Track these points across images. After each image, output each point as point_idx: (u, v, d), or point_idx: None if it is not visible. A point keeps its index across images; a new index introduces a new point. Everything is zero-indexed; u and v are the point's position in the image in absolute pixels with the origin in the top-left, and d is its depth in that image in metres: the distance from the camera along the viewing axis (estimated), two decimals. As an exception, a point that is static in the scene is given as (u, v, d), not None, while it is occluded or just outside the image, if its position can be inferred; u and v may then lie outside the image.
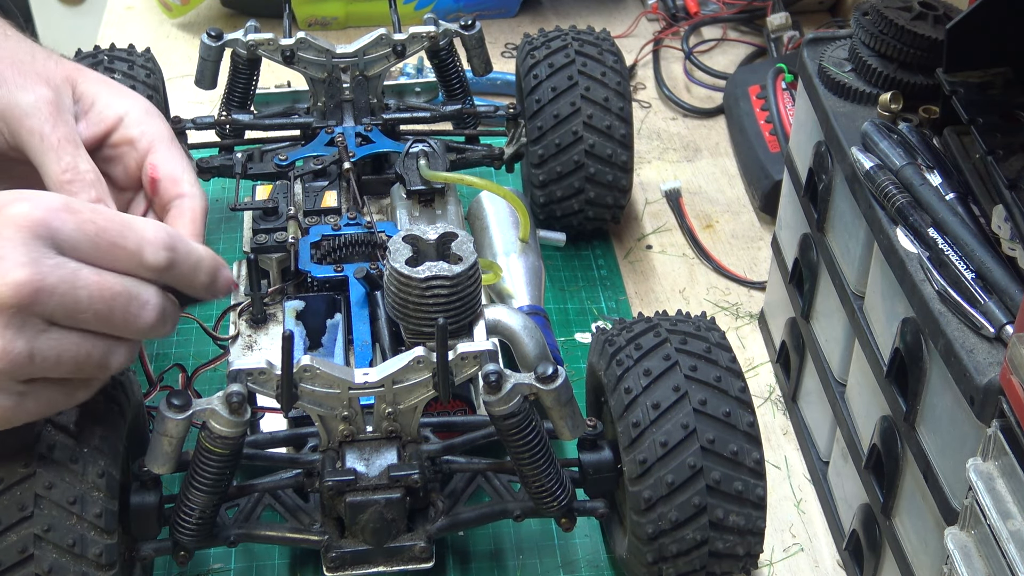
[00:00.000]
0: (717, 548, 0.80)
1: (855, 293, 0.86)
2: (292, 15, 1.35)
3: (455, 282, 0.79)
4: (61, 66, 0.81)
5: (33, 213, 0.63)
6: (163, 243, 0.68)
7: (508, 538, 0.93)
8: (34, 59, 0.80)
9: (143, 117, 0.81)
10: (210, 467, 0.76)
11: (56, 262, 0.63)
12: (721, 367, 0.82)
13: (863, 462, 0.84)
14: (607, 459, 0.83)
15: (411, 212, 1.01)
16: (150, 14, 1.58)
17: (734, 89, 1.35)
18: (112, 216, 0.67)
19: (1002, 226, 0.72)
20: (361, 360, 0.85)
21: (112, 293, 0.65)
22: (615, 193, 1.14)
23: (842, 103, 0.89)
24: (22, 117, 0.77)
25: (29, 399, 0.66)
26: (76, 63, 0.84)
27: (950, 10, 0.87)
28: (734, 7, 1.53)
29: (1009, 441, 0.64)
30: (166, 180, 0.79)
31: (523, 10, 1.59)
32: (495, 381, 0.75)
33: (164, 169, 0.79)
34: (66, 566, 0.71)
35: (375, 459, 0.80)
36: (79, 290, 0.64)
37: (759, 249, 1.21)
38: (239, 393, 0.73)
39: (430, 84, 1.22)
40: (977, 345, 0.68)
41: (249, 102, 1.13)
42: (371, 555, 0.81)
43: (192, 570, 0.90)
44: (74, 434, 0.74)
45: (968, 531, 0.68)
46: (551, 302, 1.14)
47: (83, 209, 0.66)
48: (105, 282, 0.65)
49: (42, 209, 0.63)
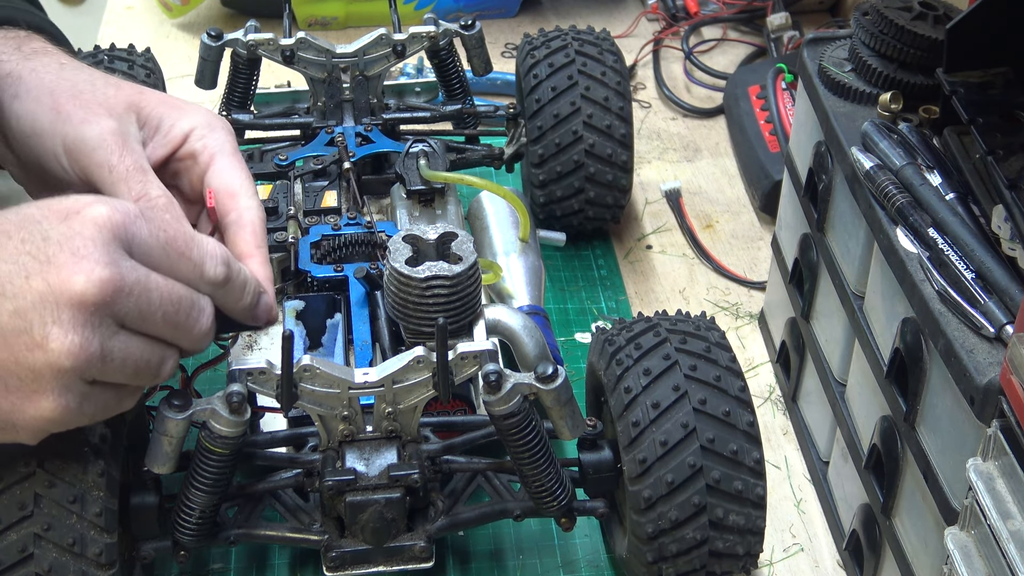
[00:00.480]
0: (717, 548, 0.80)
1: (855, 293, 0.86)
2: (292, 15, 1.35)
3: (455, 282, 0.79)
4: (121, 91, 0.81)
5: (113, 216, 0.65)
6: (222, 259, 0.71)
7: (508, 538, 0.93)
8: (94, 88, 0.80)
9: (205, 131, 0.82)
10: (210, 467, 0.76)
11: (132, 264, 0.65)
12: (721, 367, 0.82)
13: (863, 462, 0.84)
14: (607, 459, 0.83)
15: (411, 212, 1.01)
16: (150, 14, 1.58)
17: (734, 89, 1.35)
18: (180, 228, 0.70)
19: (1002, 226, 0.72)
20: (361, 360, 0.85)
21: (179, 298, 0.68)
22: (615, 193, 1.14)
23: (842, 103, 0.89)
24: (90, 152, 0.77)
25: (89, 401, 0.66)
26: (136, 85, 0.84)
27: (950, 10, 0.87)
28: (734, 7, 1.53)
29: (1009, 441, 0.64)
30: (222, 194, 0.80)
31: (523, 10, 1.59)
32: (495, 381, 0.75)
33: (221, 183, 0.80)
34: (66, 565, 0.71)
35: (375, 459, 0.80)
36: (151, 292, 0.66)
37: (759, 249, 1.21)
38: (239, 393, 0.73)
39: (430, 84, 1.22)
40: (977, 345, 0.68)
41: (249, 102, 1.13)
42: (371, 555, 0.81)
43: (192, 570, 0.90)
44: (74, 434, 0.74)
45: (968, 531, 0.68)
46: (551, 302, 1.14)
47: (155, 219, 0.68)
48: (174, 288, 0.68)
49: (121, 213, 0.66)
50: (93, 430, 0.75)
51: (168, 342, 0.69)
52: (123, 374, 0.67)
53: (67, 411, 0.65)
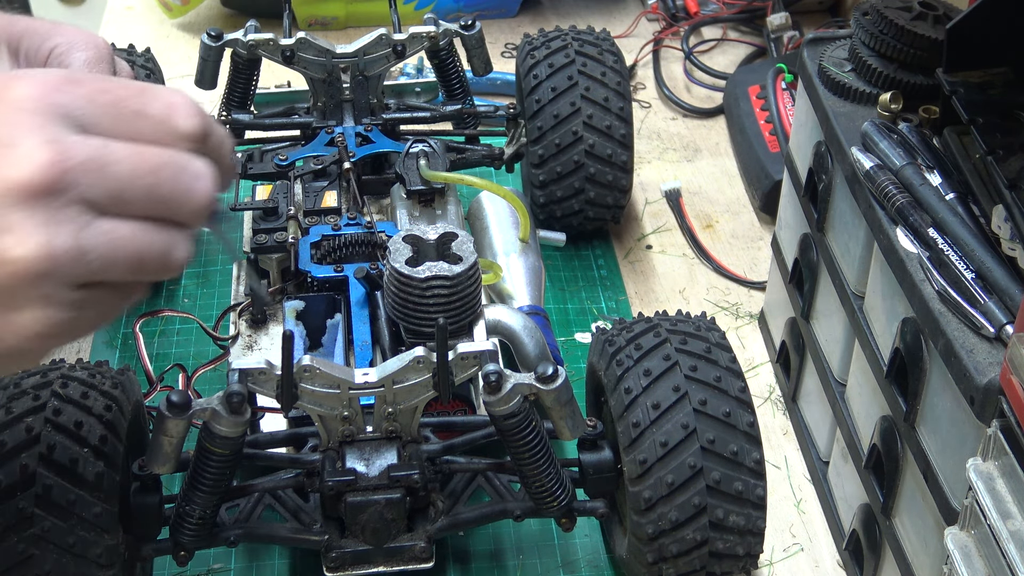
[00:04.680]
0: (717, 548, 0.80)
1: (855, 293, 0.86)
2: (292, 15, 1.35)
3: (455, 282, 0.79)
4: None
5: (36, 90, 0.54)
6: (192, 108, 0.58)
7: (508, 538, 0.93)
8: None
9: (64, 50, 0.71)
10: (210, 467, 0.76)
11: (79, 138, 0.54)
12: (721, 367, 0.82)
13: (863, 462, 0.84)
14: (607, 459, 0.83)
15: (411, 212, 1.01)
16: (150, 14, 1.58)
17: (734, 89, 1.35)
18: (126, 83, 0.57)
19: (1002, 226, 0.72)
20: (361, 360, 0.85)
21: (155, 164, 0.55)
22: (615, 193, 1.14)
23: (842, 103, 0.89)
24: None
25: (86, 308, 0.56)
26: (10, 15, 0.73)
27: (950, 10, 0.87)
28: (734, 7, 1.53)
29: (1009, 441, 0.64)
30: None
31: (523, 10, 1.59)
32: (495, 381, 0.75)
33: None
34: (66, 566, 0.71)
35: (375, 459, 0.80)
36: (114, 165, 0.54)
37: (759, 249, 1.21)
38: (239, 393, 0.73)
39: (430, 84, 1.22)
40: (977, 345, 0.68)
41: (249, 102, 1.13)
42: (371, 555, 0.81)
43: (192, 570, 0.90)
44: (74, 434, 0.74)
45: (968, 531, 0.68)
46: (551, 302, 1.14)
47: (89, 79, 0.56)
48: (143, 153, 0.55)
49: (42, 84, 0.54)
50: (93, 430, 0.75)
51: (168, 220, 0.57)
52: (118, 268, 0.55)
53: (57, 323, 0.55)
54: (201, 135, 0.57)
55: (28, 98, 0.54)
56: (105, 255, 0.54)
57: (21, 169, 0.52)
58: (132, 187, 0.55)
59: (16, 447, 0.72)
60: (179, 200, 0.56)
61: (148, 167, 0.55)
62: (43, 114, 0.53)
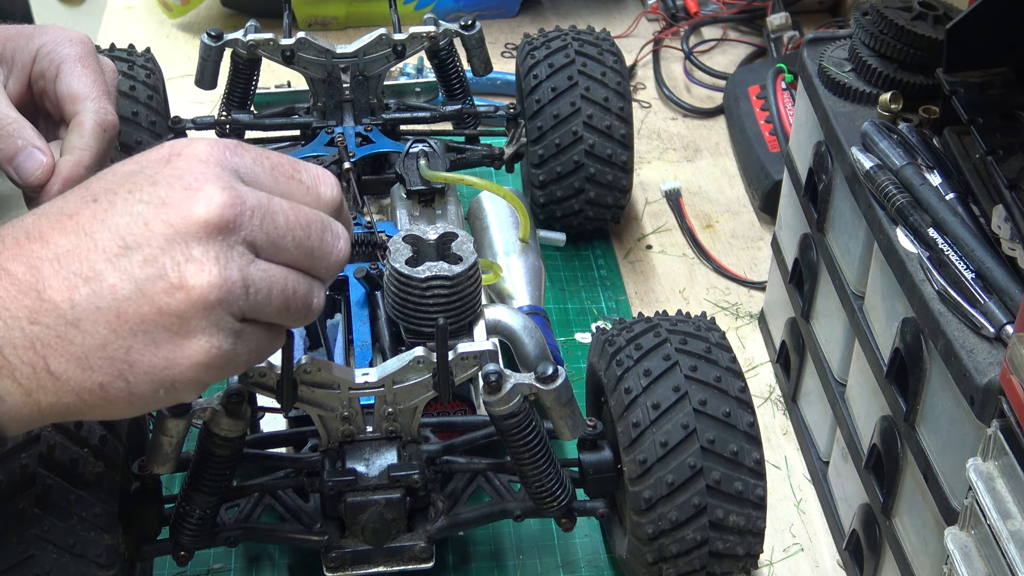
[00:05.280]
0: (717, 548, 0.80)
1: (855, 293, 0.86)
2: (292, 15, 1.35)
3: (455, 282, 0.79)
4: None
5: (213, 149, 0.62)
6: (334, 180, 0.66)
7: (508, 538, 0.93)
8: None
9: (51, 47, 0.78)
10: (210, 467, 0.76)
11: (249, 188, 0.61)
12: (721, 367, 0.82)
13: (863, 462, 0.84)
14: (607, 459, 0.83)
15: (411, 212, 1.01)
16: (150, 14, 1.58)
17: (734, 89, 1.35)
18: (279, 154, 0.66)
19: (1002, 226, 0.72)
20: (361, 360, 0.85)
21: (307, 219, 0.63)
22: (615, 193, 1.14)
23: (842, 103, 0.89)
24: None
25: (242, 341, 0.61)
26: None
27: (950, 10, 0.87)
28: (734, 7, 1.53)
29: (1009, 441, 0.64)
30: (66, 100, 0.76)
31: (523, 10, 1.59)
32: (495, 381, 0.75)
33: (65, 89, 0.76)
34: (66, 566, 0.70)
35: (375, 459, 0.80)
36: (277, 215, 0.62)
37: (759, 249, 1.21)
38: (239, 393, 0.73)
39: (430, 84, 1.22)
40: (977, 345, 0.68)
41: (249, 102, 1.13)
42: (371, 555, 0.81)
43: (192, 570, 0.90)
44: (74, 434, 0.74)
45: (968, 531, 0.68)
46: (551, 302, 1.14)
47: (251, 148, 0.64)
48: (299, 209, 0.63)
49: (219, 146, 0.62)
50: (93, 431, 0.75)
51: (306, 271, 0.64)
52: (271, 307, 0.62)
53: (222, 353, 0.60)
54: (340, 204, 0.66)
55: (208, 154, 0.62)
56: (263, 291, 0.61)
57: (204, 207, 0.59)
58: (287, 236, 0.62)
59: (16, 447, 0.72)
60: (321, 254, 0.64)
61: (302, 221, 0.63)
62: (221, 167, 0.61)
